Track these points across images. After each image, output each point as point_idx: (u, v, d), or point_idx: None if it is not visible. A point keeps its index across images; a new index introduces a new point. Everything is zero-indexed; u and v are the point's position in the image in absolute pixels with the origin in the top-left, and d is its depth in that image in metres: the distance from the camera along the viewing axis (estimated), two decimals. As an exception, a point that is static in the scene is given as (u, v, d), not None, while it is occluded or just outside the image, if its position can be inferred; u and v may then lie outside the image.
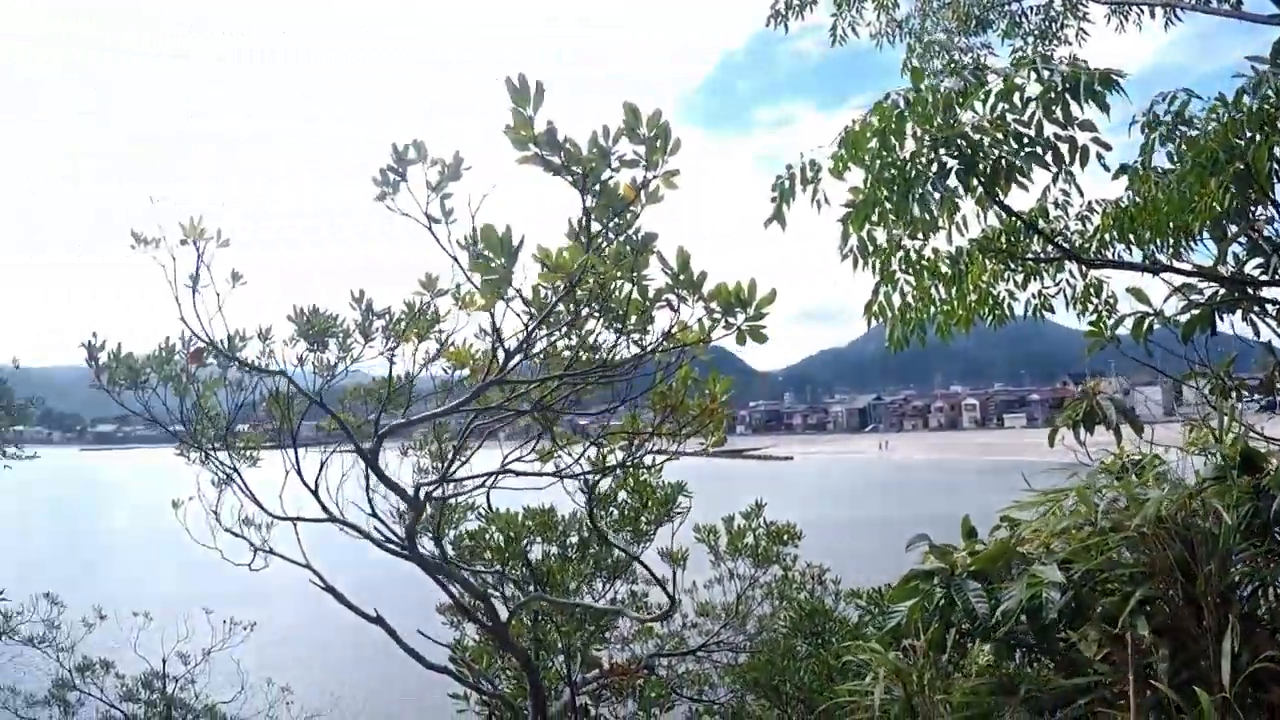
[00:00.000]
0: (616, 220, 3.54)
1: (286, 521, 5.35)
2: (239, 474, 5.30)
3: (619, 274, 3.50)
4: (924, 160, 4.99)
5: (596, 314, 3.73)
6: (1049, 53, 8.30)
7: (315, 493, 5.10)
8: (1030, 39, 8.25)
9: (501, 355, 3.58)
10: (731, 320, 3.66)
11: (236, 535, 5.63)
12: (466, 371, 4.45)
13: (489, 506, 6.12)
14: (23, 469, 10.82)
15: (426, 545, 5.46)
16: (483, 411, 3.91)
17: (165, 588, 21.56)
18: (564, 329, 3.79)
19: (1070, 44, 8.43)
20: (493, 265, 3.20)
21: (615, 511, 6.20)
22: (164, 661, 8.89)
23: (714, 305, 3.65)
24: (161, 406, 5.29)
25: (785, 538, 7.14)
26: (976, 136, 4.95)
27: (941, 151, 4.98)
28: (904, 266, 5.38)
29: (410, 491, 4.34)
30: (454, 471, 4.27)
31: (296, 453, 5.09)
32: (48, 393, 11.31)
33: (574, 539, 6.63)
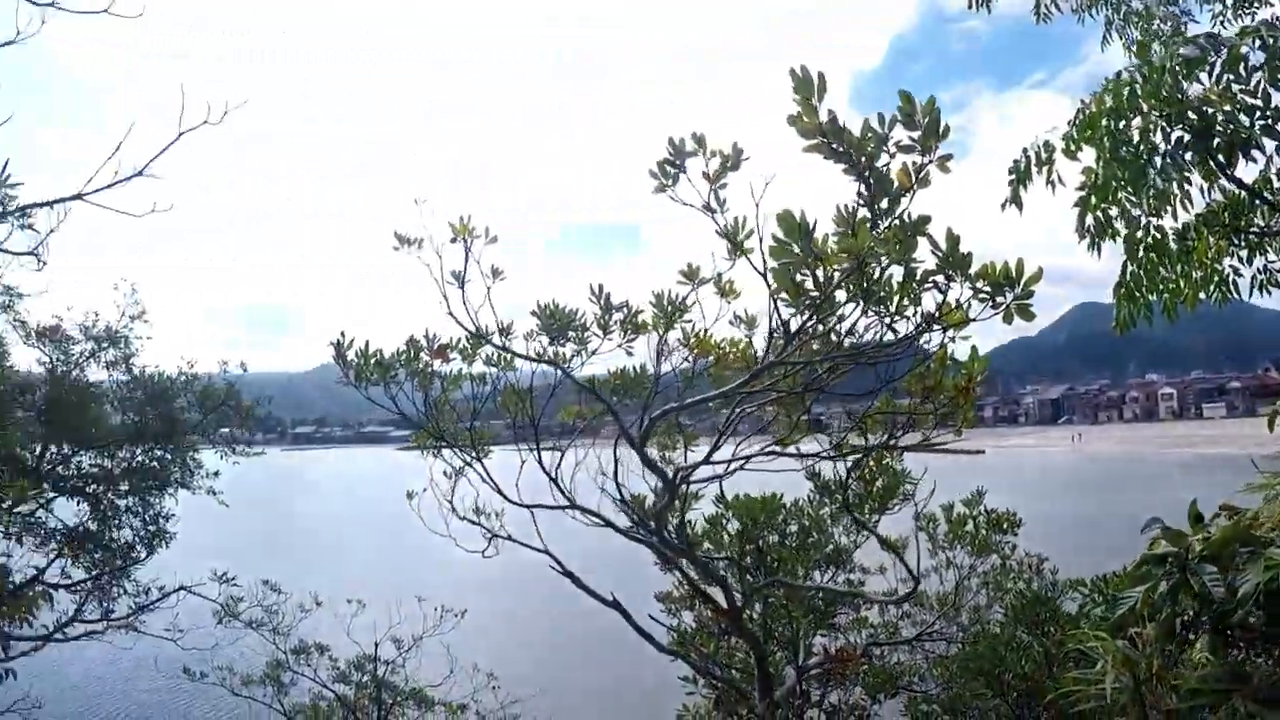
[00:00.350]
0: (887, 204, 3.64)
1: (524, 509, 5.66)
2: (482, 463, 5.63)
3: (893, 256, 3.58)
4: (1157, 135, 4.90)
5: (859, 297, 3.82)
6: (1251, 15, 7.86)
7: (555, 481, 5.39)
8: (1229, 3, 7.83)
9: (780, 339, 3.71)
10: (1000, 299, 3.70)
11: (473, 523, 5.99)
12: (711, 359, 4.61)
13: (721, 493, 6.31)
14: (247, 465, 11.82)
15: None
16: (749, 396, 4.05)
17: (381, 577, 22.77)
18: (826, 313, 3.89)
19: (1272, 5, 7.97)
20: (788, 249, 3.34)
21: (839, 498, 6.24)
22: (375, 645, 9.46)
23: (981, 285, 3.71)
24: (408, 401, 5.70)
25: (1005, 526, 7.03)
26: (1207, 110, 4.83)
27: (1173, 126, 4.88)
28: (1145, 244, 5.27)
29: (670, 476, 4.52)
30: (710, 456, 4.43)
31: (538, 443, 5.39)
32: (252, 396, 12.25)
33: (794, 527, 6.75)
